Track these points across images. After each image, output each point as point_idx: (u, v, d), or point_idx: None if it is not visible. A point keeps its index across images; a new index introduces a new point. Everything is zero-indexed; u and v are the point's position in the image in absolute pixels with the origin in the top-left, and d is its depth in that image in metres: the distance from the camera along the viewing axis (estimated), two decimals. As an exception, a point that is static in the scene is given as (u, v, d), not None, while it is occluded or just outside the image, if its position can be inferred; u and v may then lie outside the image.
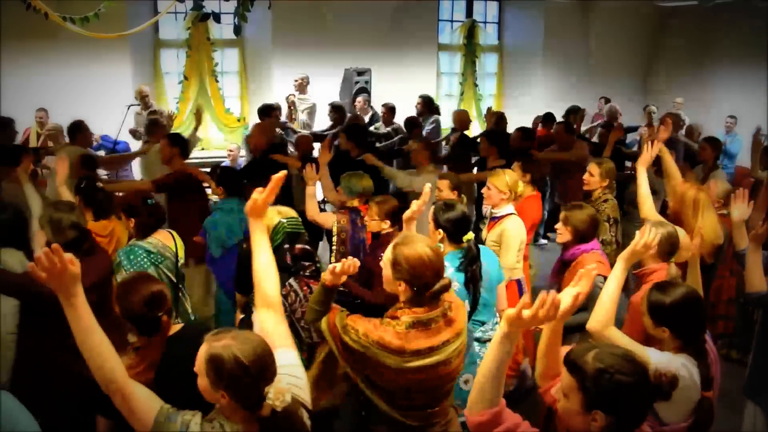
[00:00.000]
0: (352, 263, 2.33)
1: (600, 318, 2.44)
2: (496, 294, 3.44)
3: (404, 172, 5.80)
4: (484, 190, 4.24)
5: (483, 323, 3.30)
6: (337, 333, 2.26)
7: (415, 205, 2.91)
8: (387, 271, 2.35)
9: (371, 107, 8.56)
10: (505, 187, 4.09)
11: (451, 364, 2.30)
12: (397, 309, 2.31)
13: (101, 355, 1.74)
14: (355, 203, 4.33)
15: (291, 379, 1.87)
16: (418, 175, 5.46)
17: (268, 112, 7.27)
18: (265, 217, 2.95)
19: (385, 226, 3.69)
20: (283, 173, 2.17)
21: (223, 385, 1.72)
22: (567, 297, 1.79)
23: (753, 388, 3.29)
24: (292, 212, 3.13)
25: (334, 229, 4.20)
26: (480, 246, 3.35)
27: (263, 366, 1.75)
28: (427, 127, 7.92)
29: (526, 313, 1.60)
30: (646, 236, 2.50)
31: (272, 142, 6.31)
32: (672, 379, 1.78)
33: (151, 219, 3.59)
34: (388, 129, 7.83)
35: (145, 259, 3.47)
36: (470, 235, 3.23)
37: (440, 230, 3.21)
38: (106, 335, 1.78)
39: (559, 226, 3.59)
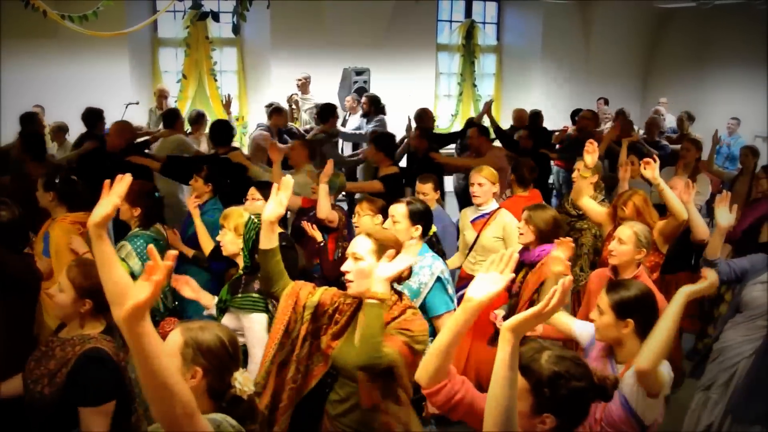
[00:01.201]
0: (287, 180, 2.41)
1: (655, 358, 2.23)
2: None
3: (263, 170, 5.33)
4: (475, 190, 4.17)
5: None
6: (408, 348, 2.24)
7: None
8: (369, 261, 2.40)
9: (362, 106, 8.50)
10: (495, 178, 4.16)
11: None
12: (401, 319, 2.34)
13: (172, 374, 1.46)
14: (331, 200, 4.41)
15: None
16: (296, 174, 4.95)
17: (173, 120, 6.66)
18: (233, 217, 3.03)
19: (377, 221, 3.71)
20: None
21: (203, 362, 1.72)
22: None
23: (743, 409, 3.24)
24: (259, 210, 3.16)
25: (339, 225, 4.24)
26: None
27: (236, 349, 1.81)
28: (370, 126, 7.60)
29: (554, 301, 1.53)
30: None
31: (131, 143, 5.73)
32: (614, 382, 1.79)
33: (156, 210, 3.70)
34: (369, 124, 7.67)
35: (152, 245, 3.49)
36: (434, 228, 3.38)
37: (418, 226, 3.20)
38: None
39: (521, 225, 3.50)
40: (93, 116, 6.13)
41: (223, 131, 5.54)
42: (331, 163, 4.33)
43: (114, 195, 1.92)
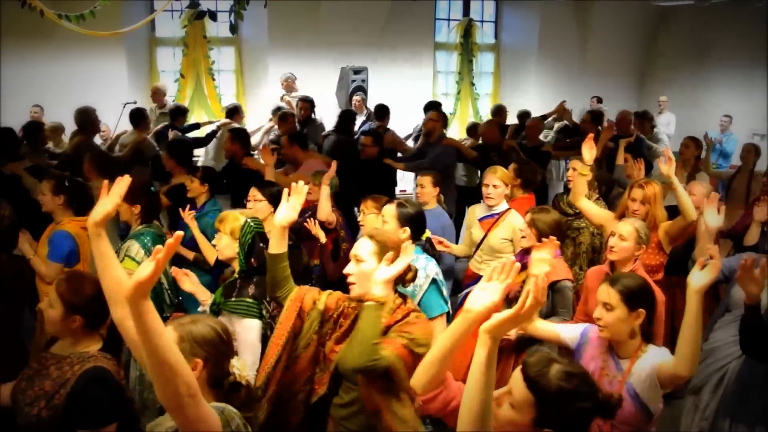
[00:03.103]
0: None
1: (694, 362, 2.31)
2: None
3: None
4: (489, 191, 4.15)
5: None
6: (407, 350, 2.18)
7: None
8: (369, 264, 2.39)
9: (366, 107, 8.55)
10: (509, 180, 4.17)
11: None
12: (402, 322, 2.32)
13: (177, 358, 1.51)
14: None
15: None
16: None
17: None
18: (228, 221, 3.00)
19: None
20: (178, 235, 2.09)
21: (202, 353, 1.76)
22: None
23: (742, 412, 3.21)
24: (254, 213, 3.17)
25: (336, 226, 4.24)
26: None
27: (230, 337, 1.86)
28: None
29: (528, 303, 1.53)
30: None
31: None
32: (618, 400, 1.79)
33: (153, 206, 3.72)
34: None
35: (159, 242, 3.54)
36: (428, 233, 3.35)
37: (406, 228, 3.16)
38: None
39: (523, 228, 3.52)
40: (85, 116, 6.17)
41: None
42: (335, 164, 4.32)
43: (114, 195, 1.97)
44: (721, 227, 3.41)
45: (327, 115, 8.24)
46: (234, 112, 7.54)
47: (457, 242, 4.62)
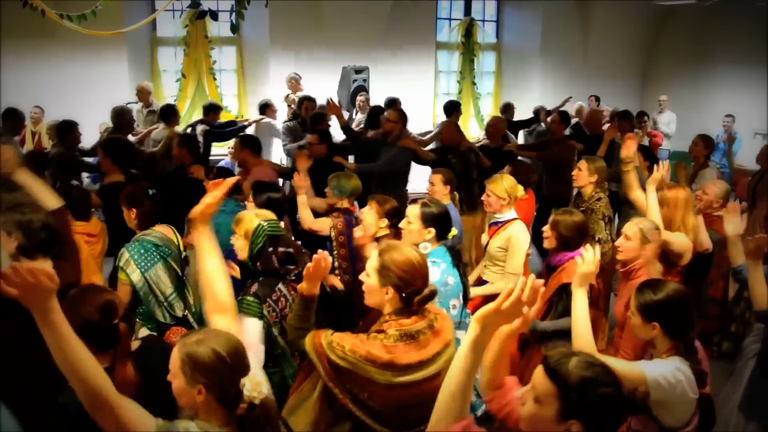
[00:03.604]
0: (322, 256, 2.25)
1: (582, 344, 2.40)
2: None
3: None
4: (483, 197, 4.17)
5: None
6: (323, 351, 2.12)
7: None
8: (372, 279, 2.23)
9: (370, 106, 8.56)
10: (504, 193, 4.04)
11: (442, 376, 2.16)
12: (383, 322, 2.21)
13: (85, 368, 1.60)
14: (345, 204, 4.28)
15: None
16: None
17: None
18: (244, 222, 2.96)
19: (383, 225, 3.61)
20: (235, 178, 2.15)
21: (202, 380, 1.70)
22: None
23: (751, 406, 3.24)
24: (270, 215, 3.09)
25: (332, 234, 4.12)
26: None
27: (238, 357, 1.75)
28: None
29: (506, 304, 1.57)
30: (589, 256, 2.55)
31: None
32: (644, 394, 1.76)
33: (153, 210, 3.52)
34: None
35: (155, 253, 3.39)
36: (454, 231, 3.23)
37: (431, 229, 3.13)
38: (86, 347, 1.64)
39: (546, 229, 3.53)
40: (121, 116, 6.28)
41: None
42: (299, 175, 4.27)
43: (219, 190, 2.11)
44: (740, 233, 3.38)
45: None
46: (266, 107, 7.57)
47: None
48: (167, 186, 4.65)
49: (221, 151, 8.72)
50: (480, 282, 4.14)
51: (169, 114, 6.79)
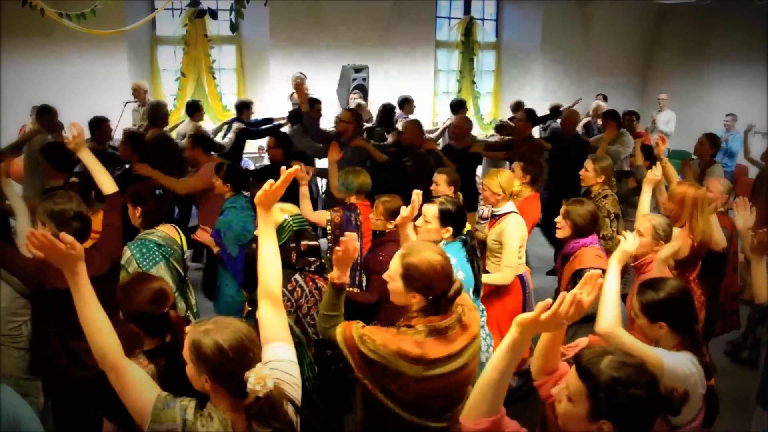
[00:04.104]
0: (350, 239, 2.28)
1: (607, 321, 2.37)
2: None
3: None
4: (480, 191, 4.28)
5: None
6: (354, 344, 2.17)
7: (405, 210, 2.88)
8: (397, 283, 2.26)
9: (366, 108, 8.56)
10: (498, 188, 4.12)
11: (468, 367, 2.26)
12: (411, 318, 2.25)
13: (98, 328, 1.82)
14: (353, 200, 4.32)
15: (279, 374, 1.87)
16: None
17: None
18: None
19: (391, 225, 3.64)
20: (295, 168, 2.16)
21: (204, 369, 1.75)
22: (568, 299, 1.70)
23: (766, 397, 3.25)
24: (295, 209, 3.11)
25: (329, 227, 4.19)
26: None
27: (242, 350, 1.76)
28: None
29: (545, 315, 1.57)
30: (632, 240, 2.58)
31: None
32: (683, 395, 1.75)
33: (158, 209, 3.54)
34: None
35: (157, 252, 3.41)
36: (468, 226, 3.31)
37: (449, 228, 3.19)
38: (104, 312, 1.86)
39: (559, 219, 3.63)
40: (156, 111, 6.36)
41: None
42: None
43: (283, 182, 2.14)
44: (750, 226, 3.40)
45: (327, 114, 8.23)
46: (243, 107, 7.42)
47: None
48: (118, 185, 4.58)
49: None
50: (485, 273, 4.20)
51: (194, 110, 7.05)
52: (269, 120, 7.54)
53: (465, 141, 6.27)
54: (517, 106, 8.90)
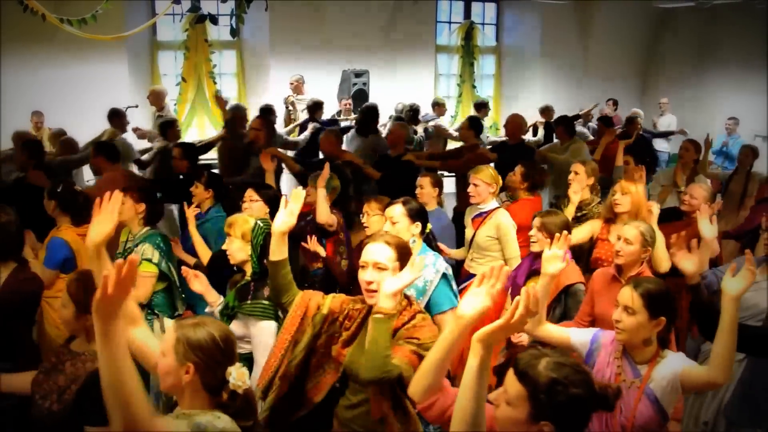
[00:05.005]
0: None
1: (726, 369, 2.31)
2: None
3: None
4: (470, 189, 4.21)
5: None
6: (419, 356, 2.18)
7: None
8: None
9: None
10: (492, 179, 4.13)
11: None
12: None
13: (130, 391, 1.52)
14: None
15: None
16: None
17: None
18: (238, 224, 3.00)
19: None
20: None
21: (193, 358, 1.75)
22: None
23: (737, 414, 3.20)
24: (262, 214, 3.17)
25: (337, 228, 4.23)
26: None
27: (230, 346, 1.82)
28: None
29: (515, 319, 1.56)
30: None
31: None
32: (616, 391, 1.77)
33: (159, 209, 3.69)
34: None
35: (169, 245, 3.61)
36: (429, 226, 3.37)
37: (418, 223, 3.22)
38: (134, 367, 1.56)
39: (534, 233, 3.47)
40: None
41: None
42: (327, 166, 4.27)
43: (113, 213, 2.01)
44: (716, 235, 3.41)
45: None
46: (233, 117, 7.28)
47: (457, 245, 4.62)
48: (10, 195, 4.50)
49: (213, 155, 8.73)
50: (468, 276, 4.16)
51: (268, 113, 7.06)
52: (335, 121, 7.78)
53: (400, 149, 5.86)
54: (545, 111, 8.89)
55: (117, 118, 6.71)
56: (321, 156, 5.89)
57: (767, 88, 9.37)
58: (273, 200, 3.73)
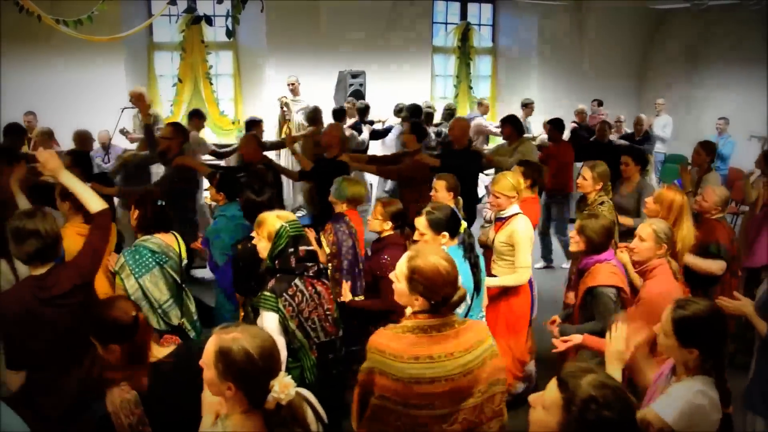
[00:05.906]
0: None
1: None
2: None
3: None
4: (491, 200, 4.18)
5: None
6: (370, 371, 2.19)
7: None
8: (402, 285, 2.26)
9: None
10: (512, 191, 4.07)
11: (459, 382, 2.19)
12: (405, 317, 2.29)
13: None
14: (343, 208, 4.31)
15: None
16: None
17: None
18: (266, 224, 3.00)
19: (387, 227, 3.71)
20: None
21: (231, 377, 1.76)
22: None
23: (752, 401, 3.22)
24: (291, 215, 3.14)
25: (328, 249, 4.16)
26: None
27: (270, 360, 1.80)
28: None
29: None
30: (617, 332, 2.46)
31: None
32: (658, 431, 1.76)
33: (153, 216, 3.58)
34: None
35: (150, 259, 3.43)
36: (464, 225, 3.32)
37: (444, 233, 3.21)
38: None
39: (573, 234, 3.55)
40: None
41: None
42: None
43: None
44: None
45: (327, 118, 8.24)
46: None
47: None
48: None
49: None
50: (490, 276, 4.15)
51: (316, 115, 7.35)
52: (372, 122, 8.33)
53: (335, 150, 5.58)
54: (526, 106, 9.04)
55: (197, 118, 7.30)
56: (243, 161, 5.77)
57: (765, 88, 9.39)
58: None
